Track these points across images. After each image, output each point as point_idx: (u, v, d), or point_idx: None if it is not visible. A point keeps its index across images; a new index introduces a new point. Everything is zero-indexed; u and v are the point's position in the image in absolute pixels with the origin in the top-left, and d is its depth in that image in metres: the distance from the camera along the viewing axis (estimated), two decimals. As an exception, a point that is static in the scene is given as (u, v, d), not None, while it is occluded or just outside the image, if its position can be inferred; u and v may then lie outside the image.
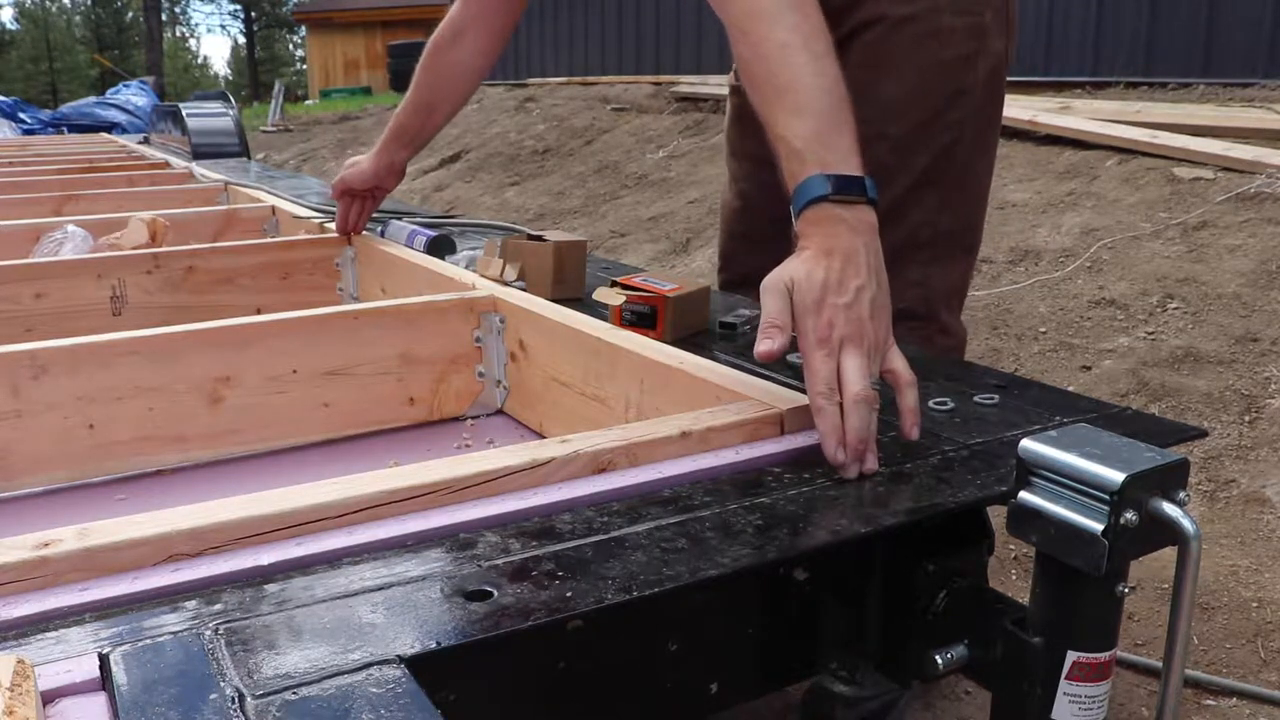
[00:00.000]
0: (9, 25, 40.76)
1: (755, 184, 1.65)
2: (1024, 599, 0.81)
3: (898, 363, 0.94)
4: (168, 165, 3.53)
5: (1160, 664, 0.77)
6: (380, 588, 0.68)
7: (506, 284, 1.47)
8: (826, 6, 1.35)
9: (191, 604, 0.66)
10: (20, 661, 0.54)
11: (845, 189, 0.95)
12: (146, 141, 4.88)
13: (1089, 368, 2.78)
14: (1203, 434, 1.21)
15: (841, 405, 0.88)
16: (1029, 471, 0.74)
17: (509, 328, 1.36)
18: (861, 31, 1.45)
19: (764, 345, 0.91)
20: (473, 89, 1.74)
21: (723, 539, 0.74)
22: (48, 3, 41.55)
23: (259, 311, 1.65)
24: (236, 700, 0.55)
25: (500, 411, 1.39)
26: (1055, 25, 5.67)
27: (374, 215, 2.13)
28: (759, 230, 1.65)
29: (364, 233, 1.91)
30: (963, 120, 1.48)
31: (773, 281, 0.93)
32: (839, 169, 0.95)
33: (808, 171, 0.95)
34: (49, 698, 0.57)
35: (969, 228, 1.55)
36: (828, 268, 0.91)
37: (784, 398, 0.98)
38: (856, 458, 0.87)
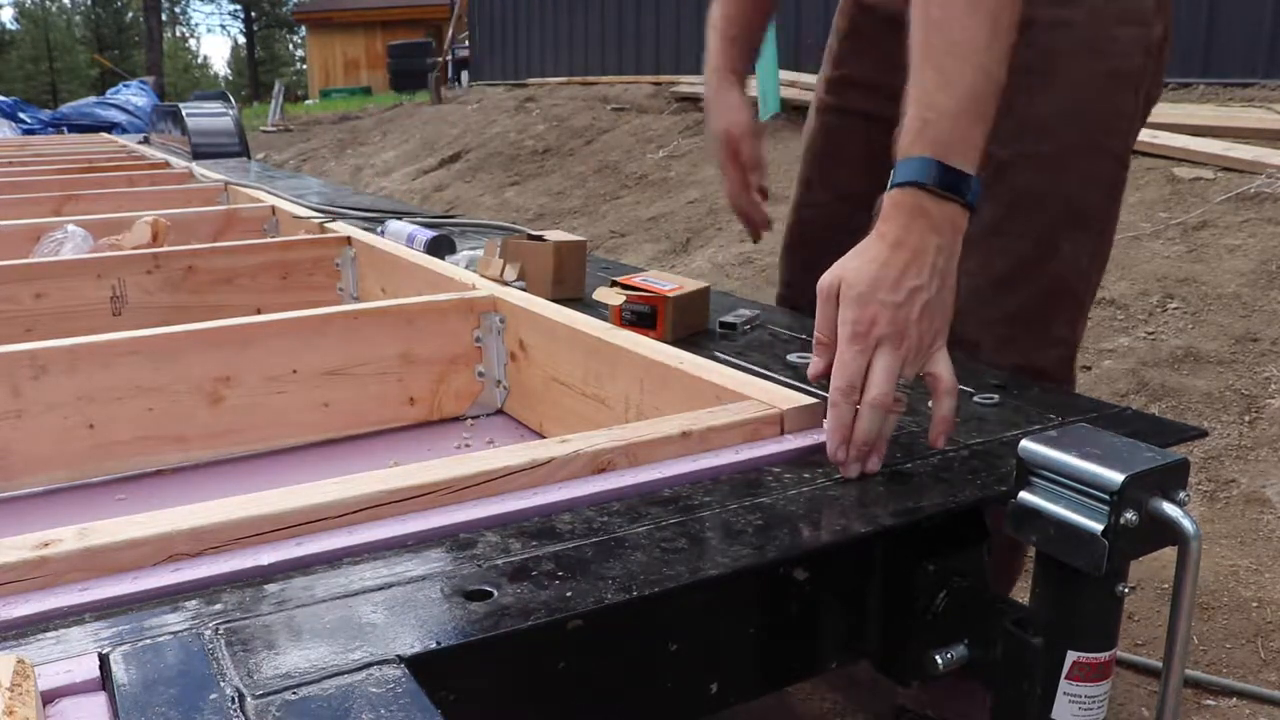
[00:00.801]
0: (9, 25, 40.80)
1: (827, 214, 1.49)
2: (1024, 599, 0.81)
3: (941, 368, 0.90)
4: (168, 165, 3.53)
5: (1160, 664, 0.77)
6: (380, 588, 0.68)
7: (506, 284, 1.47)
8: None
9: (191, 604, 0.66)
10: (20, 661, 0.54)
11: (948, 183, 0.89)
12: (146, 141, 4.88)
13: (1089, 368, 2.78)
14: (1203, 434, 1.21)
15: (859, 404, 0.86)
16: (1029, 471, 0.74)
17: (509, 328, 1.36)
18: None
19: (817, 368, 0.90)
20: None
21: (723, 539, 0.74)
22: (48, 3, 41.56)
23: (259, 311, 1.65)
24: (236, 700, 0.55)
25: (500, 411, 1.39)
26: (1055, 25, 5.66)
27: (373, 215, 2.13)
28: (818, 259, 1.52)
29: (364, 233, 1.91)
30: (1120, 149, 1.26)
31: (826, 283, 0.89)
32: (954, 160, 0.89)
33: (921, 150, 0.90)
34: (49, 698, 0.57)
35: (1103, 271, 1.34)
36: (887, 263, 0.87)
37: (784, 398, 0.98)
38: (858, 458, 0.86)
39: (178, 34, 46.83)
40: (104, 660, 0.59)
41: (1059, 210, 1.24)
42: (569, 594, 0.66)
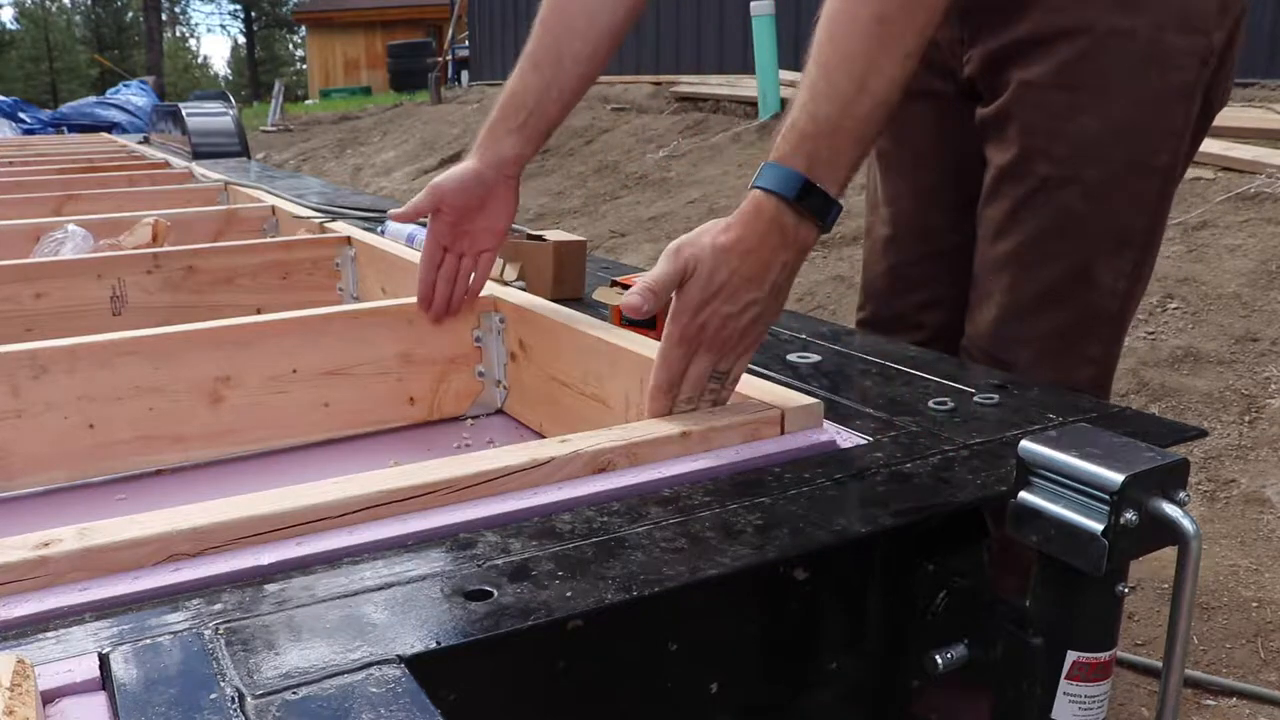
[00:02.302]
0: (9, 25, 40.79)
1: (906, 212, 1.43)
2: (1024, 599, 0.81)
3: (737, 369, 0.96)
4: (168, 165, 3.53)
5: (1160, 664, 0.77)
6: (380, 587, 0.68)
7: (506, 284, 1.47)
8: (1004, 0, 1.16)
9: (192, 604, 0.66)
10: (20, 661, 0.54)
11: (810, 204, 0.89)
12: (146, 141, 4.88)
13: (1089, 368, 2.78)
14: (1203, 434, 1.21)
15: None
16: (1029, 471, 0.74)
17: (509, 328, 1.36)
18: (1057, 42, 1.17)
19: (632, 300, 0.90)
20: (624, 21, 1.22)
21: (723, 539, 0.74)
22: (48, 3, 41.57)
23: (259, 311, 1.65)
24: (236, 700, 0.55)
25: (500, 411, 1.39)
26: (1055, 25, 5.66)
27: (373, 215, 2.13)
28: (907, 265, 1.43)
29: (364, 232, 1.91)
30: (1169, 167, 1.21)
31: (678, 249, 0.90)
32: (821, 179, 0.89)
33: (796, 162, 0.89)
34: (49, 698, 0.57)
35: (1144, 291, 1.31)
36: (734, 270, 0.89)
37: (784, 398, 0.98)
38: None
39: (178, 34, 46.85)
40: (104, 660, 0.59)
41: (1100, 236, 1.21)
42: (569, 594, 0.66)
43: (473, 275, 1.28)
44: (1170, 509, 0.69)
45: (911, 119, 1.32)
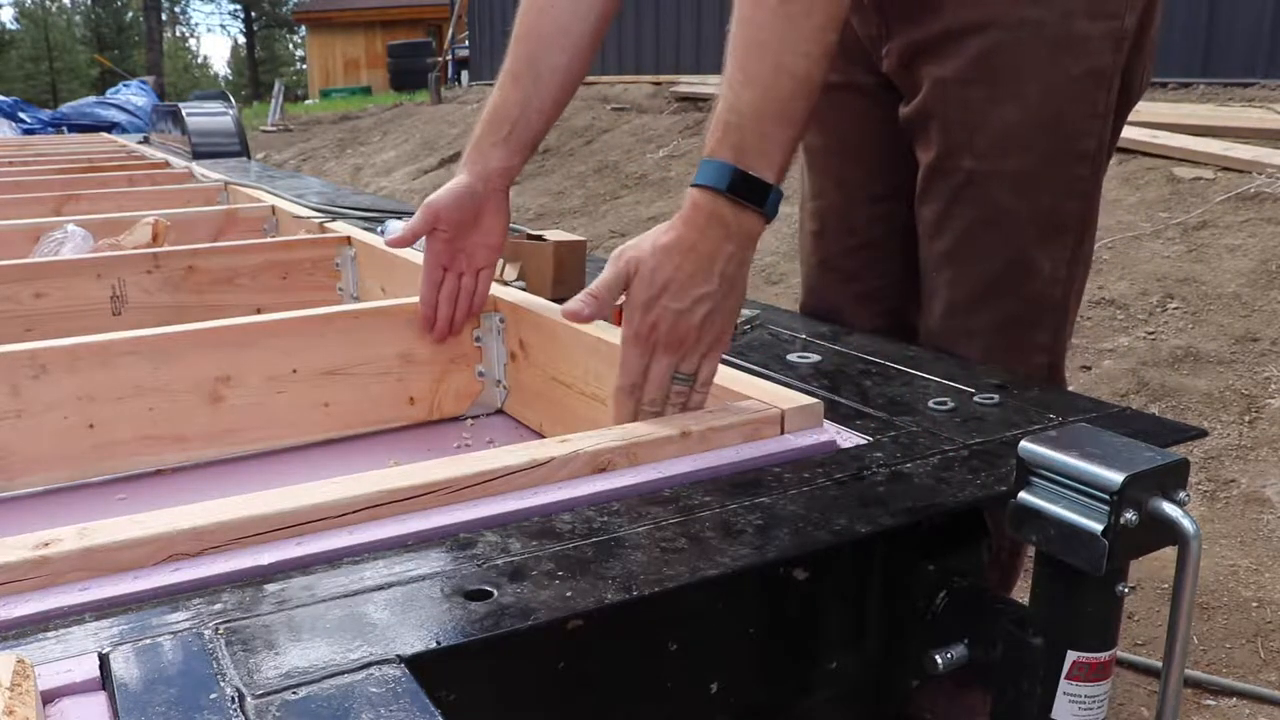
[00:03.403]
0: (9, 25, 40.78)
1: (833, 206, 1.44)
2: (1024, 599, 0.81)
3: (704, 371, 0.95)
4: (168, 165, 3.53)
5: (1160, 664, 0.77)
6: (380, 587, 0.68)
7: (506, 284, 1.47)
8: None
9: (192, 604, 0.66)
10: (20, 661, 0.54)
11: (744, 191, 0.90)
12: (146, 141, 4.88)
13: (1089, 368, 2.78)
14: (1203, 434, 1.21)
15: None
16: (1029, 471, 0.74)
17: (509, 328, 1.36)
18: (970, 36, 1.17)
19: (573, 306, 0.93)
20: (597, 34, 1.24)
21: (723, 539, 0.74)
22: (48, 3, 41.56)
23: (259, 311, 1.65)
24: (236, 700, 0.55)
25: (500, 411, 1.39)
26: (1055, 25, 5.66)
27: (373, 215, 2.13)
28: (837, 259, 1.45)
29: (364, 232, 1.91)
30: (1096, 151, 1.22)
31: (620, 255, 0.92)
32: (752, 166, 0.90)
33: (723, 154, 0.90)
34: (49, 697, 0.57)
35: (1087, 274, 1.32)
36: (678, 267, 0.90)
37: (784, 398, 0.98)
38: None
39: (178, 34, 46.84)
40: (104, 660, 0.59)
41: (1033, 225, 1.22)
42: (569, 594, 0.66)
43: (474, 293, 1.29)
44: (1170, 509, 0.69)
45: (834, 112, 1.33)
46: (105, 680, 0.58)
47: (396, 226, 1.88)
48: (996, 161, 1.20)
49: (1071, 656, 0.74)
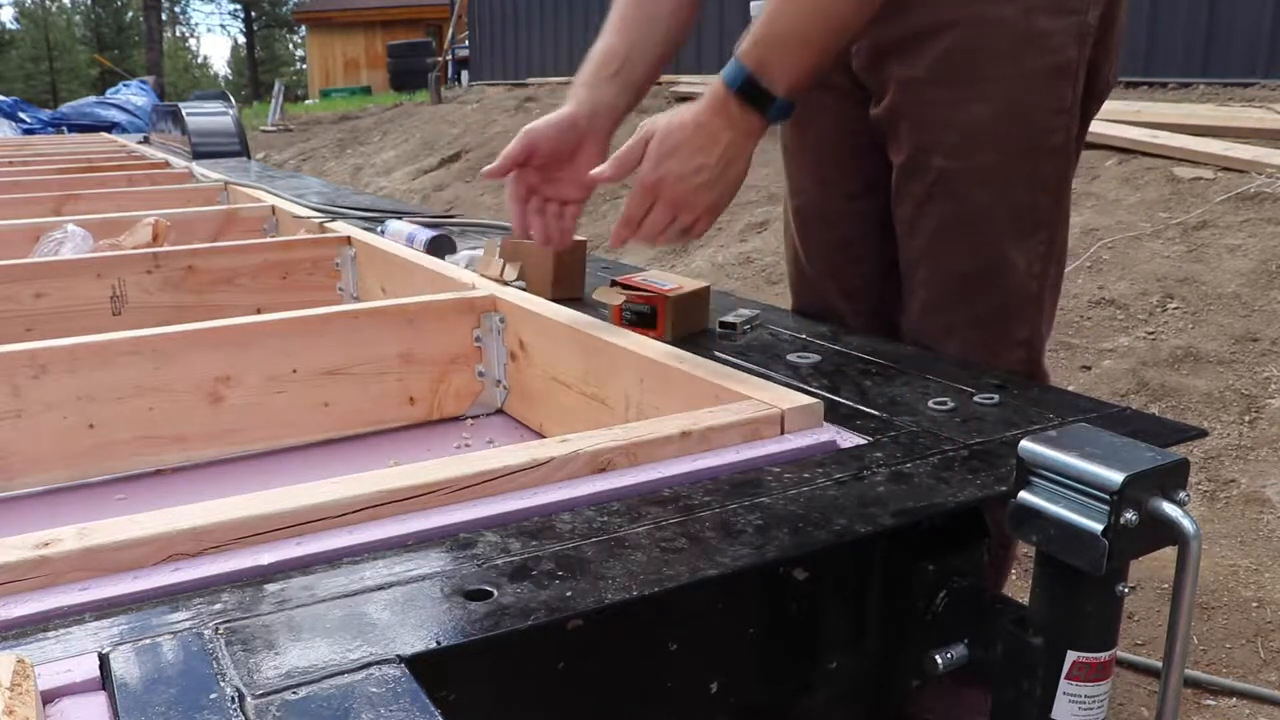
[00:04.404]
0: (9, 25, 40.77)
1: (812, 204, 1.46)
2: (1024, 599, 0.81)
3: (697, 229, 1.12)
4: (168, 165, 3.53)
5: (1160, 664, 0.77)
6: (380, 587, 0.68)
7: (506, 284, 1.47)
8: None
9: (192, 604, 0.66)
10: (20, 661, 0.54)
11: (752, 95, 1.06)
12: (146, 141, 4.88)
13: (1089, 368, 2.78)
14: (1203, 434, 1.21)
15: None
16: (1029, 471, 0.74)
17: (509, 327, 1.36)
18: (934, 36, 1.20)
19: (602, 169, 1.12)
20: None
21: (723, 539, 0.74)
22: (48, 3, 41.55)
23: (259, 311, 1.65)
24: (236, 700, 0.55)
25: (500, 411, 1.39)
26: (1055, 25, 5.66)
27: (373, 215, 2.13)
28: (816, 258, 1.47)
29: (364, 232, 1.91)
30: (1064, 145, 1.24)
31: (643, 125, 1.10)
32: (767, 80, 1.05)
33: (746, 60, 1.05)
34: (49, 697, 0.57)
35: (1063, 268, 1.33)
36: (689, 138, 1.07)
37: (784, 398, 0.98)
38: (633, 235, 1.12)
39: (178, 34, 46.83)
40: (104, 660, 0.59)
41: (1006, 221, 1.23)
42: (569, 594, 0.66)
43: (562, 227, 1.27)
44: (1170, 509, 0.69)
45: (811, 112, 1.36)
46: (105, 680, 0.58)
47: (397, 227, 1.88)
48: (966, 159, 1.22)
49: (1071, 656, 0.74)
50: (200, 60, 50.87)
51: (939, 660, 0.82)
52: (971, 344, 1.26)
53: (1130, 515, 0.69)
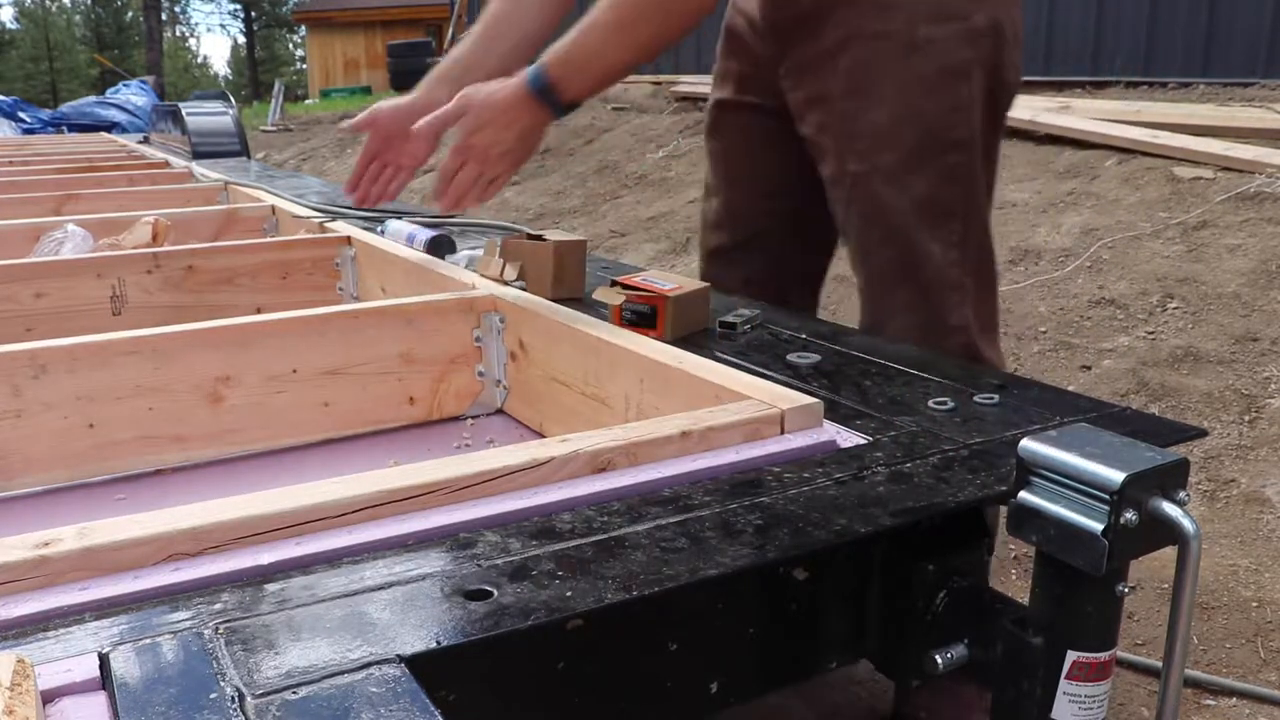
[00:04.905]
0: (9, 25, 40.74)
1: (726, 202, 1.64)
2: (1024, 599, 0.81)
3: (498, 182, 1.33)
4: (167, 165, 3.53)
5: (1160, 664, 0.77)
6: (380, 587, 0.68)
7: (506, 284, 1.47)
8: (797, 10, 1.40)
9: (192, 603, 0.66)
10: (20, 661, 0.54)
11: (545, 97, 1.27)
12: (146, 141, 4.88)
13: (1089, 368, 2.78)
14: (1203, 434, 1.21)
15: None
16: (1029, 471, 0.74)
17: (509, 327, 1.36)
18: (838, 53, 1.35)
19: (419, 124, 1.33)
20: (543, 29, 1.54)
21: (723, 539, 0.74)
22: (48, 3, 41.54)
23: (259, 311, 1.65)
24: (236, 700, 0.55)
25: (500, 411, 1.39)
26: (1055, 25, 5.67)
27: (373, 215, 2.13)
28: (727, 248, 1.64)
29: (364, 232, 1.91)
30: (967, 139, 1.34)
31: (463, 95, 1.30)
32: (561, 89, 1.26)
33: (547, 69, 1.26)
34: (49, 697, 0.57)
35: (990, 255, 1.43)
36: (496, 119, 1.28)
37: (784, 397, 0.98)
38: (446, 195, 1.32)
39: (178, 34, 46.81)
40: (104, 660, 0.59)
41: (915, 214, 1.34)
42: (569, 594, 0.66)
43: (390, 183, 1.59)
44: (1170, 509, 0.69)
45: (730, 124, 1.61)
46: (105, 680, 0.58)
47: (397, 227, 1.88)
48: (872, 160, 1.34)
49: (1071, 656, 0.74)
50: (200, 60, 50.86)
51: (939, 660, 0.82)
52: (909, 330, 1.36)
53: (1130, 515, 0.69)
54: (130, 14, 40.74)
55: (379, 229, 1.94)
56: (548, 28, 1.56)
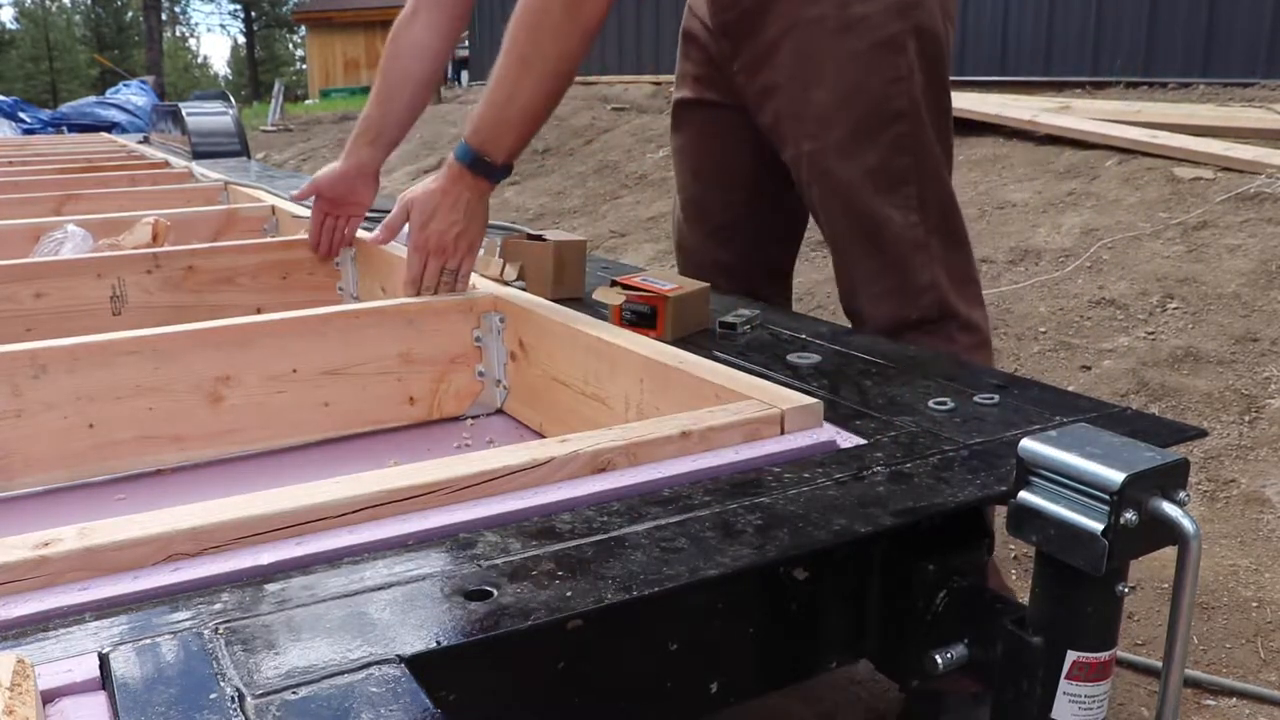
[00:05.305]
0: (9, 25, 40.73)
1: (692, 199, 1.70)
2: (1024, 599, 0.81)
3: (464, 268, 1.38)
4: (168, 165, 3.53)
5: (1160, 664, 0.77)
6: (380, 587, 0.68)
7: (506, 284, 1.47)
8: (741, 8, 1.45)
9: (192, 603, 0.66)
10: (20, 661, 0.54)
11: (479, 168, 1.31)
12: (146, 141, 4.88)
13: (1089, 368, 2.78)
14: (1203, 434, 1.22)
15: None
16: (1029, 471, 0.74)
17: (509, 327, 1.36)
18: (781, 42, 1.41)
19: (378, 235, 1.47)
20: (431, 73, 1.67)
21: (723, 539, 0.74)
22: (48, 3, 41.54)
23: (259, 311, 1.65)
24: (236, 700, 0.55)
25: (500, 411, 1.39)
26: (1055, 25, 5.68)
27: (373, 215, 2.13)
28: (696, 240, 1.71)
29: (364, 232, 1.91)
30: (910, 108, 1.39)
31: (403, 197, 1.38)
32: (487, 152, 1.30)
33: (470, 142, 1.31)
34: (49, 697, 0.57)
35: (954, 214, 1.48)
36: (439, 204, 1.34)
37: (784, 398, 0.98)
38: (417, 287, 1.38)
39: (178, 34, 46.80)
40: (104, 660, 0.59)
41: (868, 184, 1.40)
42: (569, 594, 0.66)
43: (344, 233, 1.79)
44: (1170, 509, 0.69)
45: (690, 122, 1.67)
46: (105, 680, 0.58)
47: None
48: (822, 138, 1.41)
49: (1071, 656, 0.74)
50: (200, 60, 50.86)
51: (939, 660, 0.82)
52: (882, 295, 1.44)
53: (1130, 515, 0.69)
54: (130, 14, 40.73)
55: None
56: (438, 68, 1.70)
